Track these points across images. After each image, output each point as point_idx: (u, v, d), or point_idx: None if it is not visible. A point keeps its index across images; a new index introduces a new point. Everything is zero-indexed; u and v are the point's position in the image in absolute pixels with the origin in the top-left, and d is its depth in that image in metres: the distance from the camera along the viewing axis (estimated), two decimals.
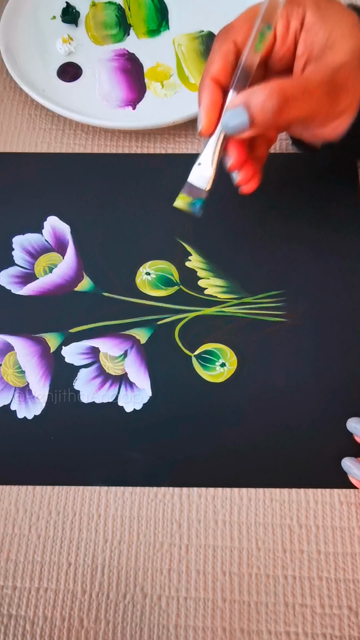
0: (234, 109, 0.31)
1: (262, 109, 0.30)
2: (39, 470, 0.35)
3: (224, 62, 0.32)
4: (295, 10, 0.31)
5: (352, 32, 0.31)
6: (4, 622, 0.31)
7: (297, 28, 0.32)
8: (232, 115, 0.31)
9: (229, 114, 0.31)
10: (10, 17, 0.47)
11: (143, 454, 0.35)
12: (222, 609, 0.32)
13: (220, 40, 0.32)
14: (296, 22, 0.32)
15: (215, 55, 0.32)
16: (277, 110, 0.30)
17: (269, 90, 0.30)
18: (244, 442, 0.35)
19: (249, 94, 0.31)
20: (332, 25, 0.31)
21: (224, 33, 0.33)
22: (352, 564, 0.32)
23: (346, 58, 0.31)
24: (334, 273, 0.39)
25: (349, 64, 0.31)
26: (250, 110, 0.30)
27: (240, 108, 0.31)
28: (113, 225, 0.41)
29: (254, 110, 0.30)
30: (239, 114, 0.31)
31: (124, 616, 0.31)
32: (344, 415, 0.35)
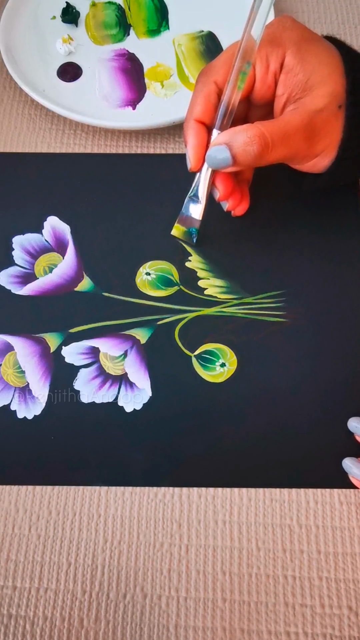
0: (217, 147, 0.32)
1: (244, 152, 0.32)
2: (39, 470, 0.35)
3: (206, 103, 0.33)
4: (275, 52, 0.32)
5: (331, 76, 0.32)
6: (4, 622, 0.31)
7: (276, 69, 0.33)
8: (215, 152, 0.33)
9: (213, 151, 0.33)
10: (10, 17, 0.47)
11: (143, 454, 0.35)
12: (222, 609, 0.32)
13: (202, 81, 0.34)
14: (275, 63, 0.32)
15: (197, 97, 0.34)
16: (257, 155, 0.32)
17: (250, 135, 0.31)
18: (244, 442, 0.35)
19: (232, 135, 0.32)
20: (311, 68, 0.32)
21: (204, 74, 0.34)
22: (352, 564, 0.32)
23: (324, 103, 0.32)
24: (333, 273, 0.39)
25: (327, 109, 0.32)
26: (232, 150, 0.32)
27: (223, 147, 0.32)
28: (113, 225, 0.41)
29: (236, 151, 0.32)
30: (222, 152, 0.32)
31: (124, 616, 0.32)
32: (344, 415, 0.35)
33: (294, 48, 0.32)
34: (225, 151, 0.32)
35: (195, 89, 0.34)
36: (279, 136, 0.31)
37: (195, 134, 0.34)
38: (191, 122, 0.34)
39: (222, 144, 0.32)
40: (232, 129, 0.32)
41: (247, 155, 0.32)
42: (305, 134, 0.32)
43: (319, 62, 0.32)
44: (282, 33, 0.32)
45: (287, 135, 0.31)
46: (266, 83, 0.33)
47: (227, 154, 0.32)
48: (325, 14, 0.50)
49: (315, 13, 0.51)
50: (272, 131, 0.31)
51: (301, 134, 0.32)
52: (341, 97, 0.32)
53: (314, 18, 0.50)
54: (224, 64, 0.33)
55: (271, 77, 0.33)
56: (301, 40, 0.32)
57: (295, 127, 0.32)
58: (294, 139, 0.32)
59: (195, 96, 0.34)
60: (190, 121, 0.34)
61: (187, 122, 0.34)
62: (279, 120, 0.32)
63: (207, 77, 0.33)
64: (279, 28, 0.33)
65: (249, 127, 0.31)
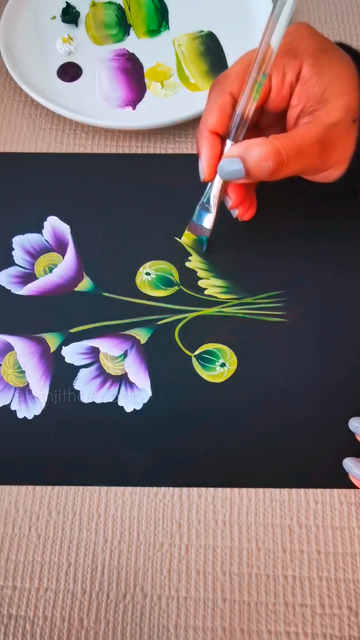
0: (230, 159, 0.32)
1: (258, 167, 0.31)
2: (39, 470, 0.35)
3: (221, 114, 0.33)
4: (292, 63, 0.32)
5: (346, 89, 0.32)
6: (4, 622, 0.31)
7: (292, 80, 0.32)
8: (228, 164, 0.32)
9: (226, 163, 0.33)
10: (10, 17, 0.47)
11: (143, 454, 0.35)
12: (222, 609, 0.32)
13: (216, 92, 0.33)
14: (292, 74, 0.32)
15: (212, 108, 0.33)
16: (272, 171, 0.31)
17: (265, 152, 0.31)
18: (244, 442, 0.35)
19: (246, 149, 0.32)
20: (327, 80, 0.32)
21: (219, 84, 0.33)
22: (352, 564, 0.32)
23: (339, 116, 0.31)
24: (333, 273, 0.39)
25: (341, 123, 0.32)
26: (246, 164, 0.32)
27: (236, 160, 0.32)
28: (113, 225, 0.41)
29: (250, 165, 0.32)
30: (235, 164, 0.32)
31: (124, 616, 0.32)
32: (344, 415, 0.35)
33: (311, 59, 0.32)
34: (238, 164, 0.32)
35: (209, 98, 0.34)
36: (293, 152, 0.31)
37: (209, 145, 0.33)
38: (205, 132, 0.33)
39: (236, 157, 0.32)
40: (247, 143, 0.32)
41: (260, 170, 0.31)
42: (319, 149, 0.32)
43: (335, 75, 0.32)
44: (299, 43, 0.32)
45: (301, 150, 0.31)
46: (281, 94, 0.33)
47: (240, 167, 0.32)
48: (325, 14, 0.50)
49: (315, 13, 0.51)
50: (287, 147, 0.31)
51: (315, 149, 0.32)
52: (356, 111, 0.32)
53: (314, 18, 0.50)
54: (239, 74, 0.33)
55: (287, 88, 0.32)
56: (318, 51, 0.32)
57: (310, 142, 0.31)
58: (308, 154, 0.32)
59: (210, 106, 0.33)
60: (204, 132, 0.33)
61: (200, 132, 0.34)
62: (294, 135, 0.31)
63: (222, 88, 0.33)
64: (296, 37, 0.32)
65: (264, 143, 0.31)
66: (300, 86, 0.32)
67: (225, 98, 0.33)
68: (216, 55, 0.47)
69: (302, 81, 0.32)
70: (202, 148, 0.34)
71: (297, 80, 0.32)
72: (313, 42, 0.32)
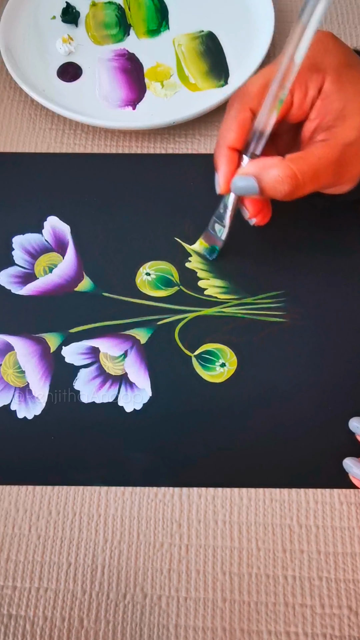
0: (245, 177, 0.32)
1: (273, 188, 0.31)
2: (39, 470, 0.35)
3: (241, 131, 0.32)
4: (315, 78, 0.31)
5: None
6: (4, 622, 0.31)
7: (314, 96, 0.32)
8: (242, 181, 0.32)
9: (240, 180, 0.32)
10: (10, 17, 0.47)
11: (143, 453, 0.35)
12: (222, 609, 0.32)
13: (236, 107, 0.33)
14: (314, 90, 0.32)
15: (231, 123, 0.33)
16: (287, 194, 0.31)
17: (282, 175, 0.31)
18: (244, 442, 0.35)
19: (262, 169, 0.31)
20: (348, 96, 0.31)
21: (240, 100, 0.33)
22: (352, 564, 0.32)
23: (355, 135, 0.31)
24: (333, 273, 0.39)
25: (357, 142, 0.31)
26: (261, 184, 0.31)
27: (251, 178, 0.32)
28: (113, 225, 0.42)
29: (265, 186, 0.31)
30: (249, 182, 0.32)
31: (124, 616, 0.32)
32: (344, 415, 0.35)
33: (334, 75, 0.31)
34: (253, 182, 0.31)
35: (228, 113, 0.33)
36: (309, 175, 0.31)
37: (227, 162, 0.33)
38: (224, 148, 0.33)
39: (250, 176, 0.32)
40: (263, 162, 0.31)
41: (275, 192, 0.31)
42: (334, 169, 0.31)
43: (356, 92, 0.31)
44: (323, 57, 0.31)
45: (318, 173, 0.31)
46: (302, 108, 0.32)
47: (254, 185, 0.31)
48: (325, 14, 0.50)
49: None
50: (303, 171, 0.31)
51: (331, 169, 0.31)
52: None
53: None
54: (260, 90, 0.32)
55: (308, 103, 0.32)
56: (341, 66, 0.31)
57: (326, 164, 0.31)
58: (324, 175, 0.31)
59: (229, 122, 0.33)
60: (223, 147, 0.33)
61: (219, 147, 0.33)
62: (310, 156, 0.31)
63: (243, 104, 0.32)
64: (320, 51, 0.31)
65: (280, 165, 0.31)
66: (320, 101, 0.32)
67: (246, 114, 0.32)
68: (216, 55, 0.47)
69: (323, 96, 0.32)
70: (221, 164, 0.33)
71: (319, 95, 0.32)
72: (337, 57, 0.32)
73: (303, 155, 0.31)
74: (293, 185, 0.31)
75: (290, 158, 0.31)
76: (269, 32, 0.46)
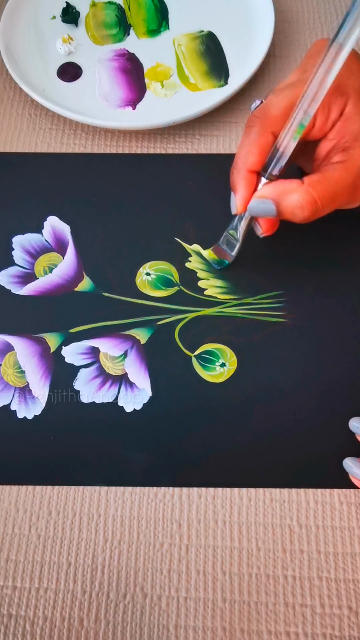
0: (263, 200, 0.32)
1: (292, 213, 0.31)
2: (39, 470, 0.35)
3: (262, 155, 0.32)
4: (338, 100, 0.31)
5: None
6: (4, 622, 0.31)
7: (336, 118, 0.32)
8: (260, 204, 0.32)
9: (257, 203, 0.32)
10: (10, 17, 0.47)
11: (143, 454, 0.35)
12: (222, 609, 0.32)
13: (258, 130, 0.32)
14: (336, 113, 0.32)
15: (252, 146, 0.32)
16: (305, 219, 0.32)
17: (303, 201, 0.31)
18: (244, 442, 0.35)
19: (283, 194, 0.31)
20: None
21: (262, 123, 0.32)
22: (352, 564, 0.32)
23: None
24: (333, 273, 0.39)
25: None
26: (279, 207, 0.31)
27: (269, 201, 0.32)
28: (113, 225, 0.41)
29: (283, 210, 0.32)
30: (267, 205, 0.32)
31: (124, 616, 0.32)
32: (344, 415, 0.35)
33: (356, 97, 0.31)
34: (270, 205, 0.32)
35: (248, 134, 0.33)
36: (327, 200, 0.31)
37: (246, 184, 0.33)
38: (244, 171, 0.33)
39: (268, 199, 0.32)
40: (282, 186, 0.31)
41: (293, 216, 0.31)
42: (351, 191, 0.32)
43: None
44: (347, 80, 0.31)
45: (335, 196, 0.31)
46: (322, 130, 0.32)
47: (272, 208, 0.32)
48: (325, 14, 0.50)
49: (315, 13, 0.51)
50: (323, 196, 0.31)
51: (348, 192, 0.32)
52: None
53: (314, 18, 0.50)
54: (283, 114, 0.31)
55: (329, 125, 0.32)
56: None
57: (344, 187, 0.31)
58: (341, 198, 0.32)
59: (250, 144, 0.32)
60: (242, 170, 0.33)
61: (238, 170, 0.33)
62: (328, 180, 0.31)
63: (264, 126, 0.32)
64: (344, 72, 0.31)
65: (300, 189, 0.31)
66: (341, 123, 0.32)
67: (268, 138, 0.32)
68: (216, 55, 0.47)
69: (344, 118, 0.32)
70: (239, 186, 0.33)
71: (340, 117, 0.32)
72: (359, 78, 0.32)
73: (321, 179, 0.31)
74: (312, 211, 0.31)
75: (309, 183, 0.31)
76: (269, 32, 0.46)
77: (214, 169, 0.43)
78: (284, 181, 0.32)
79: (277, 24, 0.49)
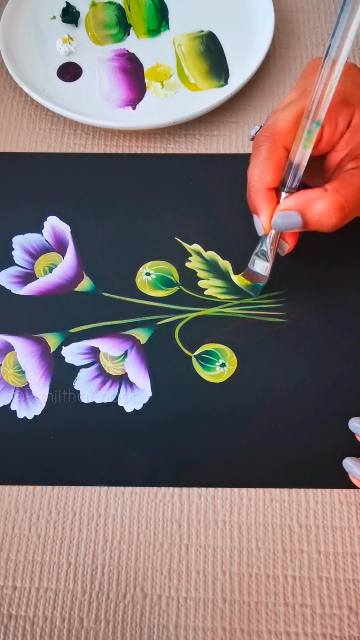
0: (287, 213, 0.31)
1: (319, 222, 0.31)
2: (39, 470, 0.35)
3: (278, 171, 0.32)
4: (345, 111, 0.31)
5: None
6: (4, 622, 0.31)
7: (344, 129, 0.32)
8: (285, 218, 0.32)
9: (282, 216, 0.32)
10: (10, 17, 0.47)
11: (143, 454, 0.35)
12: (222, 609, 0.32)
13: (269, 147, 0.32)
14: (343, 124, 0.32)
15: (267, 164, 0.32)
16: (334, 226, 0.31)
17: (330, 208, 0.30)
18: (244, 442, 0.35)
19: (307, 203, 0.31)
20: None
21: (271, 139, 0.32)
22: (352, 564, 0.32)
23: None
24: (333, 274, 0.39)
25: None
26: (306, 218, 0.31)
27: (294, 213, 0.31)
28: (113, 225, 0.41)
29: (309, 220, 0.31)
30: (293, 217, 0.31)
31: (124, 616, 0.32)
32: (344, 415, 0.35)
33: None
34: (296, 217, 0.31)
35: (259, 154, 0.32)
36: (354, 203, 0.30)
37: (267, 203, 0.32)
38: (263, 191, 0.32)
39: (293, 211, 0.31)
40: (306, 196, 0.31)
41: (320, 225, 0.31)
42: None
43: None
44: (352, 91, 0.31)
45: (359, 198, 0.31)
46: (331, 142, 0.32)
47: (298, 220, 0.31)
48: (325, 14, 0.50)
49: (315, 13, 0.51)
50: (349, 199, 0.30)
51: None
52: None
53: (314, 18, 0.50)
54: (291, 127, 0.31)
55: (337, 136, 0.32)
56: None
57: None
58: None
59: (263, 163, 0.32)
60: (261, 191, 0.32)
61: (256, 191, 0.33)
62: (351, 185, 0.30)
63: (275, 143, 0.32)
64: (349, 84, 0.31)
65: (325, 196, 0.30)
66: (349, 133, 0.32)
67: (281, 153, 0.32)
68: (216, 55, 0.47)
69: (352, 128, 0.32)
70: (261, 206, 0.33)
71: (348, 127, 0.32)
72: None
73: (343, 184, 0.31)
74: (341, 218, 0.30)
75: (333, 189, 0.31)
76: (269, 32, 0.46)
77: (214, 169, 0.43)
78: (306, 191, 0.31)
79: (277, 24, 0.49)
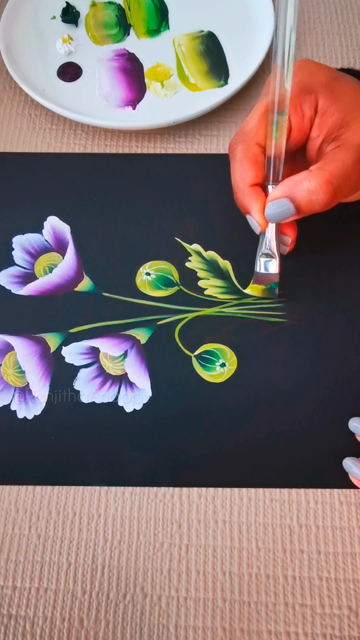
0: (277, 201, 0.32)
1: (309, 201, 0.31)
2: (39, 470, 0.35)
3: (256, 167, 0.33)
4: (307, 98, 0.32)
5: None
6: (4, 622, 0.31)
7: (311, 115, 0.32)
8: (276, 207, 0.32)
9: (272, 206, 0.32)
10: (10, 17, 0.47)
11: (143, 454, 0.35)
12: (222, 609, 0.32)
13: (242, 148, 0.33)
14: (310, 110, 0.32)
15: (243, 164, 0.33)
16: (325, 203, 0.31)
17: (315, 184, 0.30)
18: (244, 442, 0.35)
19: (292, 187, 0.31)
20: (345, 105, 0.32)
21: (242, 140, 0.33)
22: (352, 564, 0.32)
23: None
24: (333, 274, 0.39)
25: None
26: (296, 201, 0.31)
27: (283, 200, 0.31)
28: (113, 225, 0.41)
29: (300, 202, 0.31)
30: (283, 204, 0.32)
31: (124, 616, 0.32)
32: (344, 415, 0.35)
33: (325, 91, 0.32)
34: (287, 204, 0.31)
35: (234, 157, 0.33)
36: (342, 178, 0.31)
37: (256, 199, 0.33)
38: (247, 188, 0.33)
39: (281, 198, 0.31)
40: (291, 180, 0.31)
41: (313, 204, 0.31)
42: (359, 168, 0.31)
43: (351, 99, 0.32)
44: (310, 79, 0.32)
45: (348, 174, 0.31)
46: (302, 130, 0.33)
47: (289, 206, 0.31)
48: (325, 14, 0.50)
49: (315, 13, 0.51)
50: (335, 174, 0.30)
51: (357, 168, 0.31)
52: None
53: (314, 18, 0.50)
54: (259, 124, 0.32)
55: (307, 124, 0.32)
56: (330, 81, 0.32)
57: (352, 163, 0.31)
58: (353, 176, 0.31)
59: (240, 164, 0.33)
60: (245, 189, 0.33)
61: (240, 191, 0.33)
62: (335, 161, 0.31)
63: (247, 142, 0.33)
64: (305, 75, 0.32)
65: (310, 176, 0.30)
66: (319, 118, 0.32)
67: (255, 150, 0.32)
68: (216, 55, 0.47)
69: (320, 113, 0.32)
70: (250, 204, 0.33)
71: (316, 113, 0.32)
72: (323, 74, 0.32)
73: (326, 161, 0.31)
74: (331, 192, 0.30)
75: (317, 166, 0.31)
76: (269, 32, 0.46)
77: (214, 169, 0.43)
78: (292, 177, 0.32)
79: None
